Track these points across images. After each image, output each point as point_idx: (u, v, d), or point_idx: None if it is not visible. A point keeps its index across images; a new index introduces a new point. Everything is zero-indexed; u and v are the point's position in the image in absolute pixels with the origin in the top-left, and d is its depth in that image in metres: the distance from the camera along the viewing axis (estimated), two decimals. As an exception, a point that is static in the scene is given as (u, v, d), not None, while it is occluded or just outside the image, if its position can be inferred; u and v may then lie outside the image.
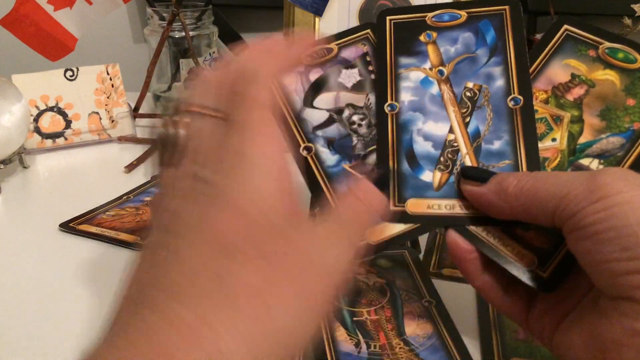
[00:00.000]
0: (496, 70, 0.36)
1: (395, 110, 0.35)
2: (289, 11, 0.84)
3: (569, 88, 0.34)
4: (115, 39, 1.14)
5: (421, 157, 0.34)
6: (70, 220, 0.56)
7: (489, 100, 0.35)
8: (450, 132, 0.34)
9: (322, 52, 0.38)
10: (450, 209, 0.32)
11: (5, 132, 0.64)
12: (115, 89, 0.78)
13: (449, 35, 0.37)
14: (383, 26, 0.38)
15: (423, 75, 0.36)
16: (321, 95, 0.37)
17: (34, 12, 0.73)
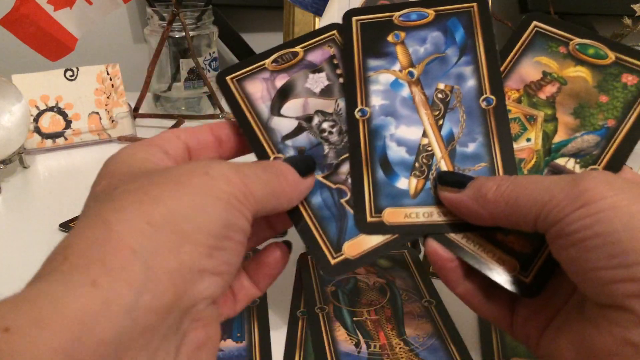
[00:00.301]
0: (467, 70, 0.35)
1: (366, 116, 0.34)
2: (289, 11, 0.84)
3: (541, 86, 0.34)
4: (115, 39, 1.14)
5: (395, 163, 0.33)
6: (70, 220, 0.56)
7: (461, 102, 0.34)
8: (424, 136, 0.33)
9: (288, 56, 0.36)
10: (428, 216, 0.31)
11: (5, 132, 0.64)
12: (115, 89, 0.78)
13: (418, 35, 0.36)
14: (349, 27, 0.37)
15: (393, 78, 0.35)
16: (289, 102, 0.36)
17: (34, 12, 0.73)
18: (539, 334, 0.29)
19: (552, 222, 0.25)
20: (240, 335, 0.40)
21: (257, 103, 0.35)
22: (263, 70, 0.36)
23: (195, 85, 0.89)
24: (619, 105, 0.32)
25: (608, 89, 0.33)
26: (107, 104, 0.78)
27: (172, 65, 0.89)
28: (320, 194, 0.32)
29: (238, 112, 0.34)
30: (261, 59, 0.36)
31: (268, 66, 0.36)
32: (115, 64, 0.79)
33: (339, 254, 0.31)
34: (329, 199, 0.32)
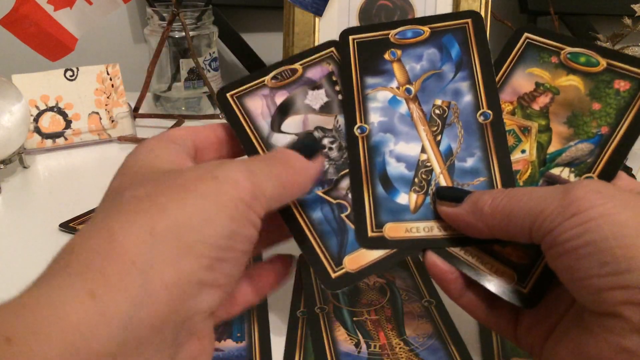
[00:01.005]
0: (463, 85, 0.35)
1: (365, 133, 0.34)
2: (289, 11, 0.84)
3: (534, 97, 0.34)
4: (115, 39, 1.14)
5: (395, 179, 0.33)
6: (70, 220, 0.56)
7: (459, 117, 0.34)
8: (423, 152, 0.34)
9: (287, 73, 0.37)
10: (428, 231, 0.32)
11: (5, 132, 0.64)
12: (115, 89, 0.78)
13: (414, 53, 0.36)
14: (346, 46, 0.37)
15: (391, 95, 0.35)
16: (289, 118, 0.36)
17: (34, 12, 0.73)
18: (542, 343, 0.29)
19: (545, 232, 0.25)
20: (240, 335, 0.40)
21: (257, 119, 0.35)
22: (262, 87, 0.36)
23: (195, 85, 0.89)
24: (612, 111, 0.32)
25: (600, 96, 0.33)
26: (107, 104, 0.78)
27: (172, 65, 0.89)
28: (320, 209, 0.33)
29: (239, 129, 0.34)
30: (260, 76, 0.37)
31: (267, 83, 0.36)
32: (115, 64, 0.79)
33: (340, 268, 0.31)
34: (329, 213, 0.33)
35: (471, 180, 0.32)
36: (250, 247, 0.26)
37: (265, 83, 0.36)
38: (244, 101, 0.36)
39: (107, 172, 0.72)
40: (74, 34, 0.79)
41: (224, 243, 0.24)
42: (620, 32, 0.71)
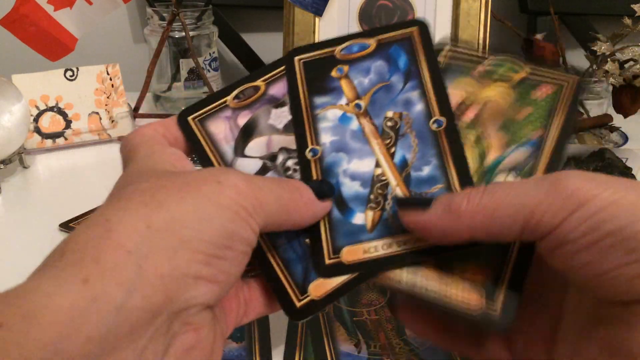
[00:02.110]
0: (414, 94, 0.34)
1: (317, 155, 0.33)
2: (289, 11, 0.84)
3: (464, 109, 0.34)
4: (115, 39, 1.14)
5: (350, 199, 0.32)
6: (70, 220, 0.56)
7: (412, 127, 0.33)
8: (377, 167, 0.33)
9: (249, 91, 0.36)
10: (387, 247, 0.30)
11: (5, 132, 0.64)
12: (115, 89, 0.78)
13: (361, 67, 0.36)
14: (292, 68, 0.36)
15: (341, 112, 0.35)
16: (252, 141, 0.34)
17: (34, 12, 0.73)
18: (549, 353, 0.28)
19: (547, 230, 0.24)
20: (240, 335, 0.40)
21: (220, 144, 0.34)
22: (225, 108, 0.35)
23: (195, 85, 0.89)
24: (542, 114, 0.32)
25: (528, 101, 0.33)
26: (107, 104, 0.78)
27: (172, 65, 0.89)
28: (285, 235, 0.31)
29: (202, 155, 0.33)
30: (222, 96, 0.36)
31: (230, 103, 0.35)
32: (115, 64, 0.79)
33: (305, 296, 0.30)
34: (294, 239, 0.32)
35: (429, 189, 0.31)
36: (249, 250, 0.26)
37: (228, 103, 0.35)
38: (206, 124, 0.35)
39: (107, 172, 0.72)
40: (74, 34, 0.79)
41: (222, 242, 0.24)
42: (620, 32, 0.71)
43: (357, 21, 0.84)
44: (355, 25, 0.84)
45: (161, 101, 0.90)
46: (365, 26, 0.83)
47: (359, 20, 0.84)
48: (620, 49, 0.71)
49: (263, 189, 0.26)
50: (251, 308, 0.30)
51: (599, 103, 0.75)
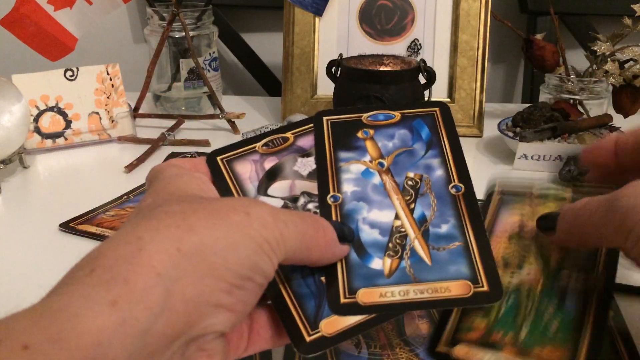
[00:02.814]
0: (434, 161, 0.36)
1: (338, 201, 0.35)
2: (289, 11, 0.84)
3: (523, 228, 0.39)
4: (115, 39, 1.14)
5: (369, 245, 0.33)
6: (70, 220, 0.56)
7: (431, 188, 0.35)
8: (397, 219, 0.34)
9: (278, 141, 0.38)
10: (404, 295, 0.31)
11: (5, 132, 0.64)
12: (115, 89, 0.78)
13: (386, 132, 0.38)
14: (320, 125, 0.38)
15: (364, 167, 0.36)
16: (276, 183, 0.36)
17: (34, 12, 0.73)
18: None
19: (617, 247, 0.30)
20: (240, 335, 0.40)
21: (244, 183, 0.35)
22: (253, 152, 0.37)
23: (195, 85, 0.89)
24: None
25: None
26: (107, 104, 0.78)
27: (172, 65, 0.89)
28: (300, 271, 0.32)
29: (225, 191, 0.35)
30: (252, 142, 0.38)
31: (259, 149, 0.37)
32: (115, 64, 0.79)
33: (316, 331, 0.30)
34: (309, 276, 0.32)
35: (446, 245, 0.33)
36: (265, 283, 0.26)
37: (257, 149, 0.37)
38: (233, 165, 0.36)
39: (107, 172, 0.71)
40: (74, 34, 0.79)
41: (245, 272, 0.24)
42: (620, 32, 0.71)
43: (357, 21, 0.84)
44: (355, 25, 0.84)
45: (161, 101, 0.90)
46: (366, 26, 0.83)
47: (358, 20, 0.84)
48: (620, 49, 0.71)
49: (288, 225, 0.27)
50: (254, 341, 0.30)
51: (599, 103, 0.75)
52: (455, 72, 0.81)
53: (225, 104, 0.88)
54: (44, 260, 0.50)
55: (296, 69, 0.84)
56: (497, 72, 1.12)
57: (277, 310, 0.31)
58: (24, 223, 0.58)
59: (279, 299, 0.31)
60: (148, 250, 0.22)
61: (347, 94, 0.67)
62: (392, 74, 0.66)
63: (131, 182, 0.66)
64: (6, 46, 0.96)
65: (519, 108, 0.77)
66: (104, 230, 0.54)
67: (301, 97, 0.84)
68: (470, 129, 0.81)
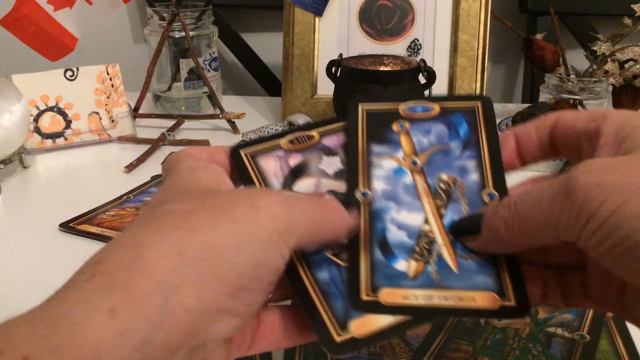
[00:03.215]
0: (470, 164, 0.35)
1: (367, 198, 0.34)
2: (289, 11, 0.84)
3: None
4: (115, 39, 1.14)
5: (395, 245, 0.32)
6: (70, 220, 0.56)
7: (464, 194, 0.34)
8: (425, 223, 0.33)
9: (303, 138, 0.37)
10: (428, 299, 0.30)
11: (5, 132, 0.64)
12: (115, 89, 0.78)
13: (422, 127, 0.37)
14: (355, 113, 0.37)
15: (396, 165, 0.35)
16: (301, 180, 0.35)
17: (34, 12, 0.73)
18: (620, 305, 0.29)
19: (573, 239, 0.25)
20: (240, 335, 0.40)
21: (269, 178, 0.35)
22: (278, 148, 0.36)
23: (195, 85, 0.89)
24: None
25: None
26: (107, 104, 0.78)
27: (172, 65, 0.89)
28: (328, 270, 0.31)
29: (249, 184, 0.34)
30: (276, 138, 0.37)
31: (283, 145, 0.36)
32: (115, 64, 0.79)
33: (345, 332, 0.29)
34: (337, 276, 0.32)
35: (475, 254, 0.31)
36: (276, 279, 0.26)
37: (281, 145, 0.36)
38: (257, 160, 0.35)
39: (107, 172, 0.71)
40: (74, 34, 0.79)
41: (251, 272, 0.24)
42: (620, 32, 0.71)
43: (357, 21, 0.84)
44: (355, 25, 0.84)
45: (161, 101, 0.90)
46: (366, 26, 0.83)
47: (358, 20, 0.84)
48: (620, 49, 0.71)
49: (297, 209, 0.26)
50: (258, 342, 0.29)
51: (599, 103, 0.75)
52: (455, 72, 0.81)
53: (225, 104, 0.88)
54: (44, 260, 0.50)
55: (296, 69, 0.84)
56: (497, 72, 1.12)
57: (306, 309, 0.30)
58: (24, 223, 0.58)
59: (307, 297, 0.30)
60: (148, 257, 0.21)
61: (347, 94, 0.67)
62: (392, 74, 0.66)
63: (131, 182, 0.66)
64: (6, 46, 0.96)
65: (519, 108, 0.77)
66: (104, 230, 0.54)
67: (301, 97, 0.84)
68: (470, 129, 0.81)
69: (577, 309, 0.37)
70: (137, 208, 0.59)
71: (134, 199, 0.61)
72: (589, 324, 0.40)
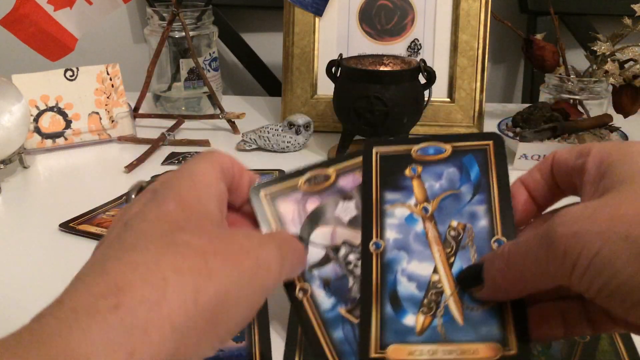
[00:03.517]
0: (480, 209, 0.36)
1: (380, 249, 0.35)
2: (289, 11, 0.84)
3: None
4: (115, 39, 1.14)
5: (405, 299, 0.33)
6: (70, 220, 0.56)
7: (473, 241, 0.35)
8: (435, 273, 0.34)
9: (320, 178, 0.38)
10: (432, 354, 0.32)
11: (5, 132, 0.64)
12: (115, 89, 0.78)
13: (434, 170, 0.37)
14: (369, 159, 0.39)
15: (408, 212, 0.36)
16: (318, 229, 0.37)
17: (34, 12, 0.73)
18: None
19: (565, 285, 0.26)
20: (240, 335, 0.40)
21: (288, 225, 0.37)
22: (296, 190, 0.38)
23: (195, 85, 0.89)
24: None
25: None
26: (107, 104, 0.78)
27: (172, 65, 0.89)
28: (342, 328, 0.33)
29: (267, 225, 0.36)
30: (295, 177, 0.38)
31: (301, 187, 0.38)
32: (115, 64, 0.79)
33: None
34: (350, 333, 0.33)
35: (482, 305, 0.32)
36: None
37: (299, 187, 0.38)
38: (277, 203, 0.37)
39: (107, 172, 0.71)
40: (74, 34, 0.79)
41: (245, 322, 0.26)
42: (620, 32, 0.71)
43: (357, 21, 0.84)
44: (355, 25, 0.84)
45: (161, 101, 0.90)
46: (366, 26, 0.83)
47: (358, 20, 0.84)
48: (620, 49, 0.71)
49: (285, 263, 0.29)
50: None
51: (599, 103, 0.75)
52: (455, 72, 0.81)
53: (225, 104, 0.88)
54: (44, 260, 0.50)
55: (296, 69, 0.84)
56: (497, 72, 1.12)
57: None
58: (24, 223, 0.58)
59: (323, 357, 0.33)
60: (169, 301, 0.22)
61: (347, 94, 0.67)
62: (392, 74, 0.66)
63: (131, 182, 0.65)
64: (6, 46, 0.96)
65: (519, 108, 0.77)
66: (104, 230, 0.54)
67: (301, 97, 0.84)
68: (470, 129, 0.81)
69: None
70: (137, 208, 0.59)
71: (134, 199, 0.61)
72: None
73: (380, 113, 0.65)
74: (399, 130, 0.68)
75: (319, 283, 0.35)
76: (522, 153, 0.66)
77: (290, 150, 0.75)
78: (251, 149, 0.76)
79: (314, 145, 0.78)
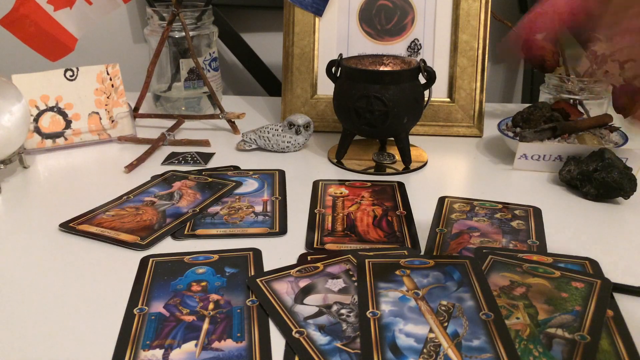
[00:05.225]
0: (465, 295, 0.43)
1: (376, 316, 0.41)
2: (289, 11, 0.84)
3: (512, 288, 0.44)
4: (115, 39, 1.14)
5: (404, 348, 0.38)
6: (70, 220, 0.56)
7: (463, 313, 0.41)
8: (431, 332, 0.39)
9: (310, 268, 0.46)
10: None
11: (5, 132, 0.64)
12: (115, 89, 0.78)
13: (421, 273, 0.46)
14: (363, 265, 0.47)
15: (400, 294, 0.43)
16: (310, 296, 0.43)
17: (34, 12, 0.73)
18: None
19: None
20: (240, 335, 0.40)
21: (282, 296, 0.43)
22: (288, 275, 0.46)
23: (195, 85, 0.89)
24: (579, 297, 0.43)
25: (565, 289, 0.44)
26: (107, 104, 0.78)
27: (172, 65, 0.89)
28: (339, 357, 0.37)
29: (265, 302, 0.43)
30: (286, 269, 0.46)
31: (293, 273, 0.46)
32: (115, 64, 0.79)
33: None
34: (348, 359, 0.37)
35: (479, 354, 0.37)
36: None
37: (291, 273, 0.46)
38: (271, 284, 0.45)
39: (107, 172, 0.71)
40: (74, 34, 0.79)
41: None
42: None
43: (357, 21, 0.84)
44: (355, 25, 0.84)
45: (161, 101, 0.90)
46: (366, 26, 0.83)
47: (358, 20, 0.84)
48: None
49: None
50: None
51: (599, 103, 0.75)
52: (455, 72, 0.81)
53: (225, 104, 0.88)
54: (44, 260, 0.50)
55: (296, 69, 0.84)
56: (497, 72, 1.12)
57: None
58: (24, 223, 0.58)
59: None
60: None
61: (347, 94, 0.67)
62: (392, 74, 0.66)
63: (131, 182, 0.66)
64: (6, 46, 0.96)
65: (519, 108, 0.77)
66: (104, 230, 0.54)
67: (301, 97, 0.84)
68: (470, 129, 0.81)
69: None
70: (137, 208, 0.59)
71: (133, 199, 0.61)
72: (589, 325, 0.40)
73: (380, 113, 0.65)
74: (399, 130, 0.68)
75: (315, 328, 0.40)
76: (522, 153, 0.66)
77: (290, 150, 0.75)
78: (251, 149, 0.76)
79: (314, 145, 0.78)
